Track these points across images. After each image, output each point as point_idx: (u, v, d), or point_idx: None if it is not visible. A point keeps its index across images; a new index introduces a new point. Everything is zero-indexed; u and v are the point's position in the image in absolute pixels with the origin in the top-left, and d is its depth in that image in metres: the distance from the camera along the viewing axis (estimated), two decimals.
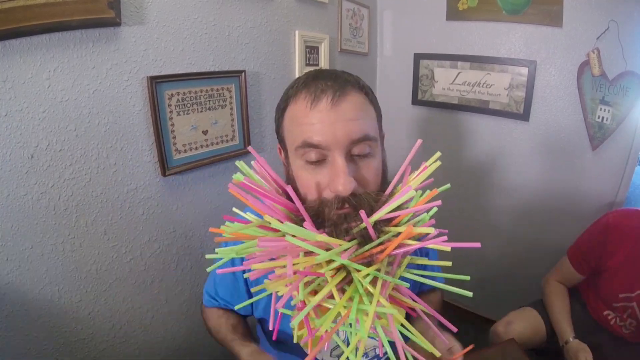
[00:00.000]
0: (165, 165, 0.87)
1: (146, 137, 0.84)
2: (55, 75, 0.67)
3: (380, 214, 0.42)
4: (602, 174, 1.29)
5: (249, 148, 0.48)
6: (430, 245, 0.41)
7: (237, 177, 0.47)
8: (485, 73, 1.39)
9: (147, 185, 0.86)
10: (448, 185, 0.47)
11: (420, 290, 0.71)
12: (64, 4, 0.64)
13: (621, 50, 1.15)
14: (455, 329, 0.45)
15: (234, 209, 0.52)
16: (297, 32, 1.16)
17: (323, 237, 0.40)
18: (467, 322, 0.44)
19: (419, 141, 0.46)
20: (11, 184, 0.65)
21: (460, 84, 1.46)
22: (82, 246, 0.77)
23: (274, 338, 0.48)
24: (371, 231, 0.41)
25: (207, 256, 0.46)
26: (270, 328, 0.44)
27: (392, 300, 0.44)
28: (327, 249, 0.40)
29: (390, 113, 1.67)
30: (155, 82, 0.81)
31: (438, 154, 0.47)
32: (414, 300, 0.45)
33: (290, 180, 0.51)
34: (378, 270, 0.41)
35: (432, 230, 0.39)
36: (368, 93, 0.50)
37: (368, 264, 0.41)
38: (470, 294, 0.41)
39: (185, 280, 1.01)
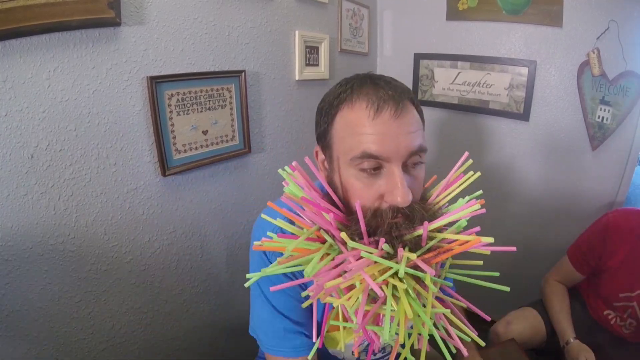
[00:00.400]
0: (165, 165, 0.87)
1: (146, 137, 0.84)
2: (55, 75, 0.67)
3: (439, 223, 0.45)
4: (602, 174, 1.29)
5: (307, 159, 0.49)
6: (473, 249, 0.44)
7: (290, 190, 0.48)
8: (485, 73, 1.39)
9: (147, 185, 0.86)
10: (480, 192, 0.51)
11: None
12: (64, 4, 0.64)
13: (621, 50, 1.15)
14: (488, 318, 0.50)
15: (263, 216, 0.52)
16: (297, 32, 1.16)
17: (383, 255, 0.42)
18: (472, 324, 0.45)
19: (466, 154, 0.51)
20: (11, 184, 0.65)
21: (460, 84, 1.46)
22: (82, 246, 0.77)
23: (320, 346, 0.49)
24: (425, 240, 0.44)
25: (248, 276, 0.48)
26: (318, 342, 0.47)
27: (439, 300, 0.49)
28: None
29: None
30: (155, 82, 0.81)
31: (470, 162, 0.52)
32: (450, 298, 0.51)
33: (333, 186, 0.51)
34: (435, 275, 0.44)
35: (484, 239, 0.43)
36: (417, 104, 0.51)
37: (414, 269, 0.43)
38: (507, 288, 0.48)
39: (185, 280, 1.01)
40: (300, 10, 1.17)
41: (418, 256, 0.43)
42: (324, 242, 0.47)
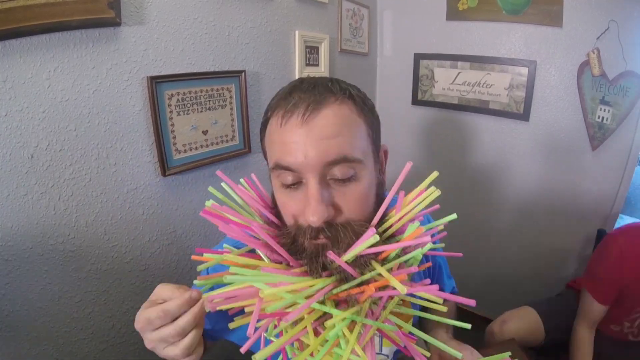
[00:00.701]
0: (165, 165, 0.87)
1: (146, 137, 0.84)
2: (55, 75, 0.67)
3: (351, 253, 0.36)
4: (602, 174, 1.29)
5: (218, 173, 0.44)
6: (420, 293, 0.36)
7: (208, 204, 0.43)
8: (485, 73, 1.39)
9: (147, 185, 0.86)
10: (454, 215, 0.41)
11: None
12: (64, 4, 0.64)
13: (621, 50, 1.15)
14: (473, 303, 0.38)
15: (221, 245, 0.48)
16: (297, 32, 1.16)
17: (294, 279, 0.36)
18: (466, 321, 0.44)
19: (409, 164, 0.40)
20: (11, 184, 0.65)
21: (460, 84, 1.46)
22: (82, 246, 0.77)
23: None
24: (348, 269, 0.37)
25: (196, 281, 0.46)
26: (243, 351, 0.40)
27: (384, 334, 0.40)
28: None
29: (390, 113, 1.67)
30: (155, 82, 0.81)
31: (435, 174, 0.40)
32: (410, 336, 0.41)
33: (274, 200, 0.46)
34: (357, 313, 0.37)
35: (404, 290, 0.33)
36: (358, 102, 0.42)
37: (350, 303, 0.37)
38: (468, 326, 0.39)
39: (185, 280, 1.01)
40: (300, 10, 1.17)
41: (343, 290, 0.37)
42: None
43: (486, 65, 1.38)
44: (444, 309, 0.38)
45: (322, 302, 0.38)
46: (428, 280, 0.39)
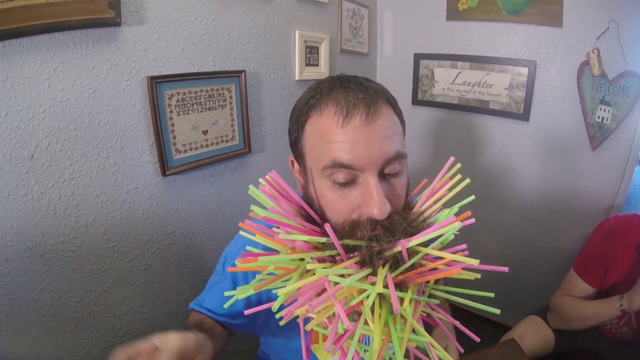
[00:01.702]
0: (165, 165, 0.87)
1: (146, 137, 0.84)
2: (55, 75, 0.67)
3: (417, 241, 0.40)
4: (602, 174, 1.29)
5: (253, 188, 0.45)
6: (457, 274, 0.40)
7: (256, 209, 0.43)
8: (485, 73, 1.39)
9: (147, 185, 0.86)
10: (472, 197, 0.46)
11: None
12: (64, 4, 0.64)
13: (621, 50, 1.15)
14: (477, 339, 0.44)
15: (241, 232, 0.47)
16: (297, 32, 1.16)
17: (362, 273, 0.39)
18: (467, 322, 0.44)
19: (452, 159, 0.46)
20: (11, 184, 0.65)
21: (460, 84, 1.46)
22: (82, 246, 0.77)
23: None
24: (406, 257, 0.40)
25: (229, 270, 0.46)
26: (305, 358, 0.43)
27: (424, 318, 0.44)
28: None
29: None
30: (155, 82, 0.81)
31: (458, 165, 0.46)
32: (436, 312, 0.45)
33: (309, 198, 0.48)
34: (419, 293, 0.41)
35: (471, 261, 0.39)
36: (395, 105, 0.47)
37: (398, 285, 0.41)
38: (498, 311, 0.42)
39: (185, 280, 1.01)
40: (300, 10, 1.17)
41: (396, 275, 0.40)
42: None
43: (486, 65, 1.38)
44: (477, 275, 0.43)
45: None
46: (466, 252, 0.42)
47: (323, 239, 0.41)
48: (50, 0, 0.62)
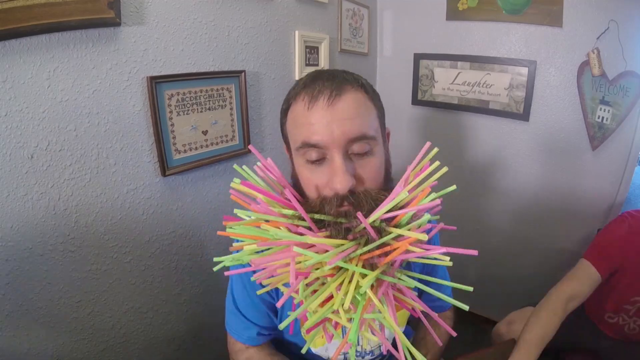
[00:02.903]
0: (165, 165, 0.87)
1: (146, 137, 0.84)
2: (55, 75, 0.67)
3: (377, 214, 0.42)
4: (602, 174, 1.29)
5: (250, 147, 0.50)
6: (431, 254, 0.41)
7: (235, 182, 0.47)
8: (485, 73, 1.39)
9: (147, 185, 0.86)
10: (454, 187, 0.47)
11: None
12: (64, 4, 0.64)
13: (621, 50, 1.15)
14: (454, 333, 0.46)
15: (236, 210, 0.51)
16: (297, 32, 1.16)
17: (322, 240, 0.41)
18: (467, 322, 0.44)
19: (428, 144, 0.48)
20: (11, 184, 0.65)
21: (460, 84, 1.46)
22: (82, 246, 0.77)
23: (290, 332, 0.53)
24: (371, 231, 0.42)
25: (215, 268, 0.47)
26: (281, 327, 0.45)
27: (396, 300, 0.45)
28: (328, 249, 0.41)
29: (390, 113, 1.65)
30: (155, 82, 0.81)
31: (435, 150, 0.48)
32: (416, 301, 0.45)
33: (294, 179, 0.52)
34: (381, 272, 0.42)
35: (426, 237, 0.40)
36: (368, 91, 0.50)
37: (371, 265, 0.42)
38: (466, 307, 0.43)
39: (185, 280, 1.01)
40: (300, 10, 1.17)
41: (363, 253, 0.42)
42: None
43: (486, 65, 1.38)
44: (448, 262, 0.42)
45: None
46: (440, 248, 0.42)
47: (292, 212, 0.45)
48: (50, 0, 0.62)
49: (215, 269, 0.48)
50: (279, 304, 0.41)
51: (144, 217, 0.87)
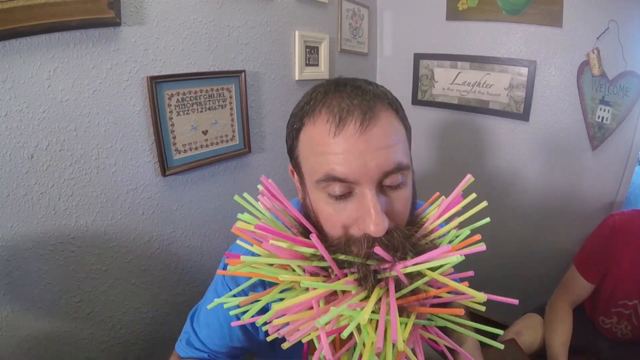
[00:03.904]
0: (165, 165, 0.87)
1: (146, 137, 0.84)
2: (55, 75, 0.67)
3: (413, 268, 0.38)
4: (602, 174, 1.29)
5: (260, 188, 0.43)
6: (462, 300, 0.39)
7: (243, 217, 0.41)
8: (485, 73, 1.39)
9: (147, 185, 0.86)
10: (488, 219, 0.42)
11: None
12: (64, 4, 0.64)
13: (621, 50, 1.15)
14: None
15: (239, 242, 0.45)
16: (297, 32, 1.16)
17: (352, 289, 0.37)
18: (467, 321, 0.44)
19: (468, 176, 0.42)
20: (11, 184, 0.65)
21: (460, 84, 1.46)
22: (82, 246, 0.77)
23: None
24: (403, 278, 0.38)
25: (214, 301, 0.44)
26: None
27: (422, 338, 0.43)
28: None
29: None
30: (155, 82, 0.81)
31: (471, 179, 0.42)
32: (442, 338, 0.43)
33: (307, 209, 0.45)
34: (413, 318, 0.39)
35: (478, 295, 0.37)
36: (398, 109, 0.42)
37: (400, 310, 0.38)
38: (501, 346, 0.41)
39: (185, 280, 1.01)
40: (300, 10, 1.17)
41: (397, 298, 0.38)
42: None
43: (486, 65, 1.38)
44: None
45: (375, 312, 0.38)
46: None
47: (312, 250, 0.39)
48: (50, 0, 0.62)
49: (210, 306, 0.45)
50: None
51: (144, 217, 0.87)
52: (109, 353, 0.86)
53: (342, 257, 0.39)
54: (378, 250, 0.36)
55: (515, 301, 0.38)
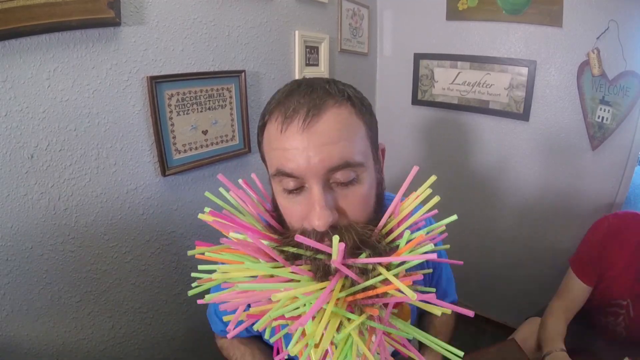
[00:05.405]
0: (165, 165, 0.87)
1: (146, 137, 0.84)
2: (55, 75, 0.67)
3: (358, 263, 0.38)
4: (602, 174, 1.29)
5: (219, 176, 0.46)
6: (417, 302, 0.37)
7: (206, 211, 0.44)
8: (485, 73, 1.39)
9: (147, 185, 0.86)
10: (454, 217, 0.41)
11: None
12: (64, 4, 0.64)
13: (621, 50, 1.15)
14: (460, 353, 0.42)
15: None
16: (297, 32, 1.16)
17: (304, 279, 0.38)
18: (467, 321, 0.44)
19: (415, 168, 0.41)
20: (11, 184, 0.65)
21: (460, 84, 1.46)
22: (82, 246, 0.77)
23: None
24: (349, 273, 0.37)
25: (193, 274, 0.48)
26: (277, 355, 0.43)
27: (391, 338, 0.42)
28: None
29: (390, 113, 1.67)
30: (155, 82, 0.81)
31: (433, 178, 0.42)
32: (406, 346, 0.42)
33: (274, 203, 0.47)
34: (368, 318, 0.38)
35: (409, 293, 0.34)
36: (356, 104, 0.42)
37: (356, 309, 0.39)
38: (461, 353, 0.40)
39: (185, 280, 1.01)
40: (300, 10, 1.17)
41: (347, 295, 0.38)
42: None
43: (486, 65, 1.38)
44: (447, 310, 0.38)
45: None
46: (432, 295, 0.38)
47: (267, 242, 0.41)
48: (50, 0, 0.62)
49: (190, 293, 0.47)
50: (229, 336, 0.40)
51: (144, 217, 0.87)
52: (109, 353, 0.86)
53: (292, 250, 0.40)
54: (309, 241, 0.36)
55: (471, 313, 0.38)
